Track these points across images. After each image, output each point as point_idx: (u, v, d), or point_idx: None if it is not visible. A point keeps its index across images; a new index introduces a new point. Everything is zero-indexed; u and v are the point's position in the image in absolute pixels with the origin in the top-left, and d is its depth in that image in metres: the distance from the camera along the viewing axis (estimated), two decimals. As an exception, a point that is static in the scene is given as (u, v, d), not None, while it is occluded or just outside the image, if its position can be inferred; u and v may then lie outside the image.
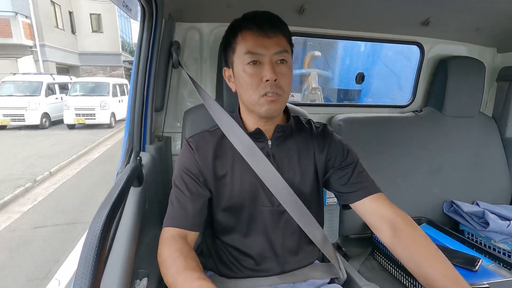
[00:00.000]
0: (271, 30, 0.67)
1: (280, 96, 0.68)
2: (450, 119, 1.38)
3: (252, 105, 0.70)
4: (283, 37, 0.68)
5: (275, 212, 0.74)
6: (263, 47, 0.66)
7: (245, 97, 0.70)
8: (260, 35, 0.66)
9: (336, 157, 0.77)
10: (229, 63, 0.74)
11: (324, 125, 0.83)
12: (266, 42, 0.66)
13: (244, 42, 0.67)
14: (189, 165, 0.73)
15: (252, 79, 0.67)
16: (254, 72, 0.67)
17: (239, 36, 0.69)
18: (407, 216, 0.68)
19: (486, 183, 1.40)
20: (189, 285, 0.54)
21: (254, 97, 0.68)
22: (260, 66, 0.67)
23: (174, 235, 0.67)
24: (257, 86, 0.67)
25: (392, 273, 1.06)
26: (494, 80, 1.53)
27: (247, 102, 0.71)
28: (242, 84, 0.69)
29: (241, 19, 0.71)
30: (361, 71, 4.10)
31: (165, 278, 0.60)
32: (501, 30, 1.31)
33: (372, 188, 0.73)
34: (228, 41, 0.72)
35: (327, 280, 0.81)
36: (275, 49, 0.66)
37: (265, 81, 0.66)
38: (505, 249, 1.12)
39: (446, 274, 0.56)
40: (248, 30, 0.67)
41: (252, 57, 0.66)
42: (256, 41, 0.66)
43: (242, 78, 0.68)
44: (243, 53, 0.67)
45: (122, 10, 0.94)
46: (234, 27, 0.70)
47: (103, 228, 0.47)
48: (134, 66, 0.93)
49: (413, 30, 1.31)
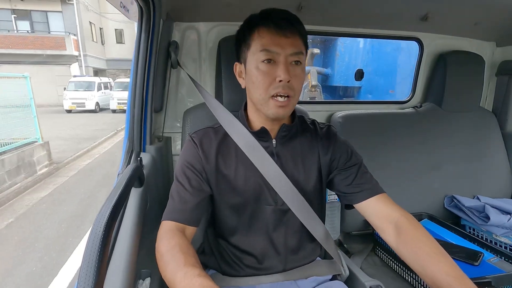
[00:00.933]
0: (289, 29, 0.66)
1: (291, 99, 0.67)
2: (450, 114, 1.38)
3: (260, 104, 0.69)
4: (299, 38, 0.67)
5: (278, 211, 0.74)
6: (279, 46, 0.65)
7: (254, 95, 0.69)
8: (278, 34, 0.65)
9: (341, 158, 0.77)
10: (241, 59, 0.72)
11: (328, 126, 0.82)
12: (283, 42, 0.65)
13: (260, 39, 0.66)
14: (192, 160, 0.73)
15: (265, 78, 0.66)
16: (268, 71, 0.66)
17: (255, 32, 0.67)
18: (411, 216, 0.68)
19: (486, 177, 1.40)
20: (189, 282, 0.53)
21: (264, 96, 0.67)
22: (274, 65, 0.66)
23: (172, 229, 0.66)
24: (268, 85, 0.66)
25: (394, 269, 1.06)
26: (493, 74, 1.53)
27: (255, 100, 0.70)
28: (254, 81, 0.68)
29: (258, 15, 0.69)
30: (360, 67, 4.09)
31: (163, 273, 0.59)
32: (500, 24, 1.30)
33: (376, 189, 0.73)
34: (243, 36, 0.70)
35: (329, 276, 0.81)
36: (292, 50, 0.65)
37: (278, 81, 0.65)
38: (507, 243, 1.12)
39: (450, 272, 0.56)
40: (265, 27, 0.66)
41: (268, 55, 0.65)
42: (273, 39, 0.65)
43: (254, 75, 0.67)
44: (258, 49, 0.66)
45: (120, 11, 0.94)
46: (251, 22, 0.69)
47: (105, 229, 0.47)
48: (133, 67, 0.92)
49: (411, 25, 1.31)
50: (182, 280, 0.54)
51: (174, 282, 0.55)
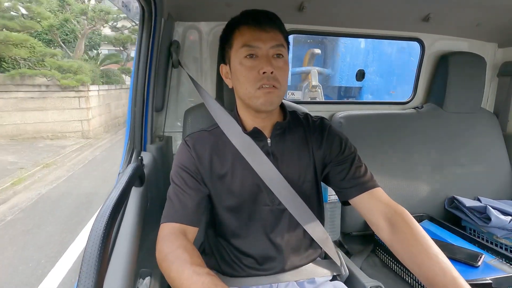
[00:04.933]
0: (268, 24, 0.68)
1: (277, 89, 0.68)
2: (451, 115, 1.38)
3: (249, 99, 0.69)
4: (279, 33, 0.70)
5: (276, 210, 0.74)
6: (260, 41, 0.67)
7: (241, 91, 0.70)
8: (257, 29, 0.67)
9: (334, 151, 0.77)
10: (226, 59, 0.74)
11: (321, 119, 0.82)
12: (263, 36, 0.67)
13: (241, 36, 0.68)
14: (186, 162, 0.73)
15: (249, 72, 0.67)
16: (251, 65, 0.67)
17: (236, 31, 0.70)
18: (405, 212, 0.67)
19: (487, 178, 1.40)
20: (197, 279, 0.52)
21: (250, 90, 0.68)
22: (257, 59, 0.68)
23: (174, 231, 0.66)
24: (253, 79, 0.67)
25: (394, 270, 1.06)
26: (495, 75, 1.52)
27: (243, 96, 0.71)
28: (239, 77, 0.69)
29: (238, 16, 0.72)
30: (361, 68, 4.09)
31: (166, 272, 0.58)
32: (501, 25, 1.30)
33: (370, 183, 0.73)
34: (225, 37, 0.73)
35: (329, 277, 0.81)
36: (272, 43, 0.67)
37: (261, 74, 0.66)
38: (507, 245, 1.12)
39: (445, 273, 0.56)
40: (245, 24, 0.69)
41: (249, 50, 0.67)
42: (253, 35, 0.67)
43: (238, 72, 0.69)
44: (240, 46, 0.68)
45: (121, 10, 0.94)
46: (232, 23, 0.72)
47: (106, 228, 0.47)
48: (134, 66, 0.93)
49: (413, 26, 1.31)
50: (190, 278, 0.53)
51: (180, 280, 0.55)
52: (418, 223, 0.66)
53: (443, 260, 0.58)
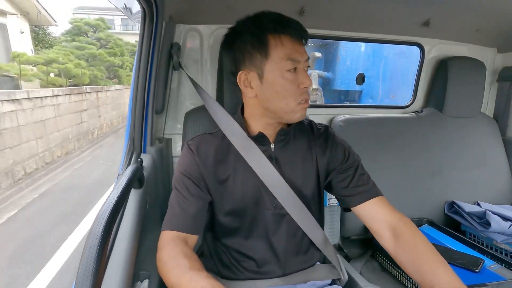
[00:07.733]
0: (303, 37, 0.68)
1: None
2: (451, 120, 1.38)
3: (286, 113, 0.68)
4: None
5: (277, 215, 0.74)
6: (299, 54, 0.66)
7: (278, 104, 0.67)
8: (298, 42, 0.67)
9: (337, 159, 0.77)
10: (251, 67, 0.68)
11: (326, 127, 0.82)
12: (301, 49, 0.67)
13: (283, 48, 0.65)
14: (190, 168, 0.72)
15: (291, 86, 0.66)
16: (292, 79, 0.66)
17: (272, 40, 0.65)
18: (409, 221, 0.67)
19: (487, 183, 1.39)
20: (196, 284, 0.53)
21: (291, 104, 0.67)
22: (297, 73, 0.67)
23: (174, 239, 0.65)
24: (295, 93, 0.67)
25: (393, 274, 1.05)
26: (494, 80, 1.53)
27: (279, 109, 0.68)
28: (279, 90, 0.66)
29: (271, 22, 0.66)
30: (361, 71, 4.10)
31: (166, 278, 0.59)
32: (501, 30, 1.31)
33: (373, 191, 0.73)
34: (257, 43, 0.66)
35: (329, 281, 0.81)
36: (306, 56, 0.68)
37: (302, 88, 0.67)
38: (507, 250, 1.12)
39: (450, 283, 0.56)
40: (287, 35, 0.65)
41: (294, 64, 0.66)
42: (295, 48, 0.66)
43: (280, 85, 0.66)
44: (282, 58, 0.65)
45: (123, 12, 0.94)
46: (263, 29, 0.65)
47: (104, 230, 0.47)
48: (135, 68, 0.93)
49: (413, 30, 1.31)
50: (189, 283, 0.54)
51: (179, 285, 0.55)
52: (418, 228, 0.65)
53: (447, 269, 0.58)
